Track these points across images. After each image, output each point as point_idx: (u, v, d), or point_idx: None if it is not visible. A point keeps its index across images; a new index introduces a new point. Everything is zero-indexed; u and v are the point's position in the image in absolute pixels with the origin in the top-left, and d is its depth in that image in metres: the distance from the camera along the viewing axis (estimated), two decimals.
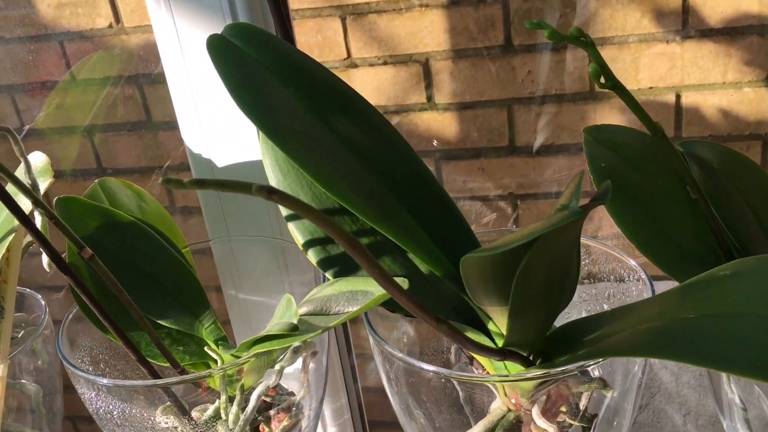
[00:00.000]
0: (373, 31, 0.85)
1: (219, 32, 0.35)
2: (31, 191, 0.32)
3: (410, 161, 0.38)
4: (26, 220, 0.31)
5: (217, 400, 0.39)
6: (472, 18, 0.82)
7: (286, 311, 0.32)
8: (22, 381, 0.42)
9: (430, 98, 0.87)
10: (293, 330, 0.31)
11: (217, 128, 0.41)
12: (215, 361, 0.39)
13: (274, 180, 0.37)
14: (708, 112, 0.82)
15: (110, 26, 0.90)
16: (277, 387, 0.40)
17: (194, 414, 0.39)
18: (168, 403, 0.38)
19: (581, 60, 0.81)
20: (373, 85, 0.87)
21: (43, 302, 0.43)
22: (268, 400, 0.39)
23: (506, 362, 0.36)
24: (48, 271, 0.34)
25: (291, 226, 0.37)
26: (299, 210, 0.24)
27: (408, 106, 0.87)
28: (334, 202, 0.37)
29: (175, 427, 0.39)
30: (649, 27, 0.79)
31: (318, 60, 0.36)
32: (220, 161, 0.43)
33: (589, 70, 0.27)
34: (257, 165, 0.42)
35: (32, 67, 0.93)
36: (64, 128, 0.97)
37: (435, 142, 0.88)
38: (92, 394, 0.36)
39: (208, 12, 0.39)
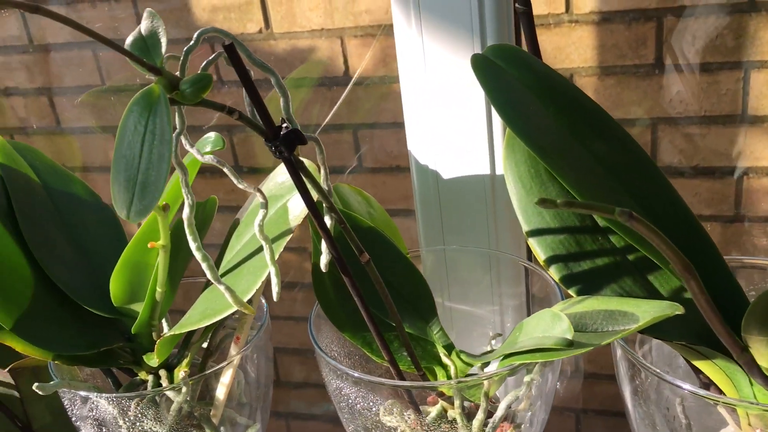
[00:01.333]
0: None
1: (475, 52, 0.36)
2: (327, 196, 0.33)
3: (657, 179, 0.38)
4: (322, 224, 0.32)
5: (440, 401, 0.40)
6: (623, 35, 0.81)
7: (552, 326, 0.32)
8: (241, 373, 0.44)
9: None
10: (568, 345, 0.31)
11: (447, 142, 0.43)
12: (441, 365, 0.40)
13: (515, 196, 0.38)
14: None
15: (260, 31, 0.93)
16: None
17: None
18: (392, 400, 0.39)
19: (734, 83, 0.80)
20: None
21: (263, 300, 0.45)
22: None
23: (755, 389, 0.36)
24: (323, 271, 0.36)
25: (532, 242, 0.38)
26: (649, 233, 0.24)
27: None
28: (575, 221, 0.38)
29: (395, 428, 0.40)
30: None
31: None
32: (446, 174, 0.44)
33: None
34: (481, 179, 0.43)
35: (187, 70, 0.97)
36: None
37: None
38: (339, 383, 0.37)
39: (457, 32, 0.40)
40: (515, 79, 0.36)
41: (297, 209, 0.37)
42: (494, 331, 0.44)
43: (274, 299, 0.35)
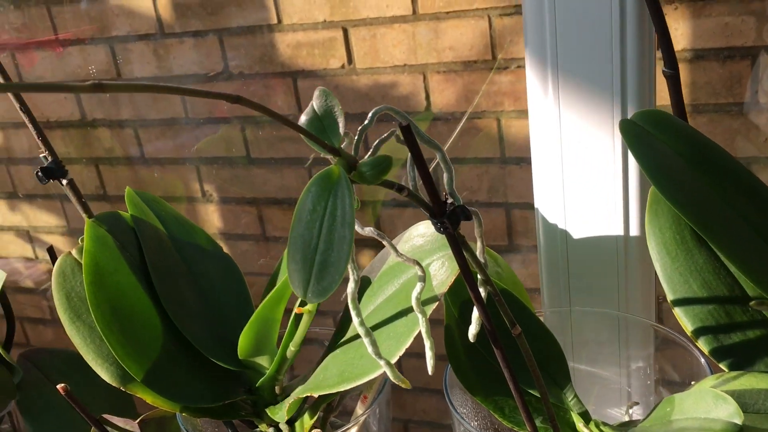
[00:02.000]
0: None
1: (619, 117, 0.36)
2: (484, 269, 0.33)
3: None
4: (478, 297, 0.32)
5: None
6: (717, 73, 0.80)
7: (716, 408, 0.31)
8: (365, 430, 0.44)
9: None
10: (737, 430, 0.30)
11: (578, 203, 0.42)
12: None
13: (659, 262, 0.37)
14: None
15: (342, 67, 0.94)
16: None
17: None
18: None
19: None
20: None
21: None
22: None
23: None
24: (471, 341, 0.36)
25: (678, 312, 0.37)
26: None
27: None
28: (724, 290, 0.37)
29: None
30: None
31: None
32: (576, 233, 0.43)
33: None
34: (614, 239, 0.42)
35: (266, 102, 0.99)
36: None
37: None
38: None
39: (597, 96, 0.40)
40: (665, 145, 0.35)
41: (442, 275, 0.37)
42: (620, 393, 0.43)
43: (429, 372, 0.35)
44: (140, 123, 1.04)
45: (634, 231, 0.43)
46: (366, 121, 0.32)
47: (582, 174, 0.42)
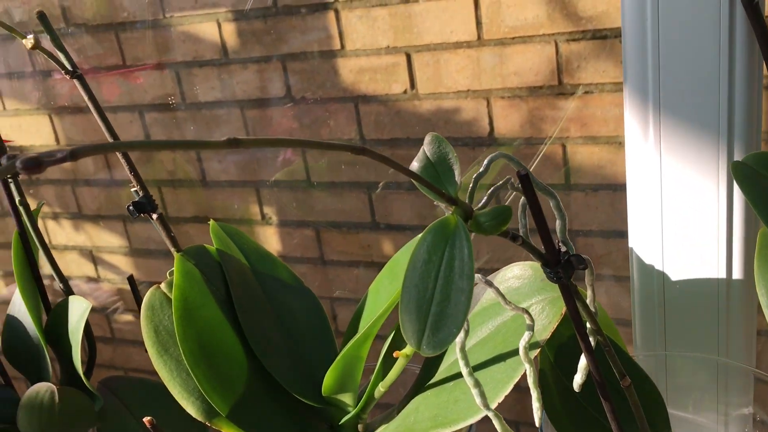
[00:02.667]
0: None
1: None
2: (594, 319, 0.32)
3: None
4: (589, 347, 0.31)
5: None
6: None
7: None
8: None
9: None
10: None
11: (678, 245, 0.41)
12: None
13: None
14: None
15: (405, 92, 0.94)
16: None
17: None
18: None
19: None
20: None
21: None
22: None
23: None
24: (576, 391, 0.34)
25: None
26: None
27: None
28: None
29: None
30: None
31: (613, 134, 0.35)
32: (674, 275, 0.42)
33: None
34: (715, 282, 0.41)
35: (326, 125, 0.99)
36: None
37: None
38: None
39: (702, 140, 0.39)
40: None
41: (543, 321, 0.36)
42: None
43: (537, 424, 0.34)
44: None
45: (737, 274, 0.41)
46: (481, 169, 0.31)
47: (683, 215, 0.41)
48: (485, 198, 0.31)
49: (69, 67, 0.41)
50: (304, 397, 0.44)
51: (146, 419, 0.42)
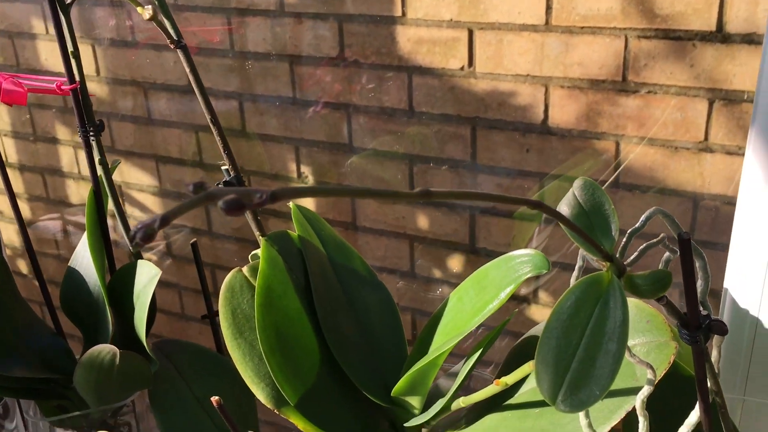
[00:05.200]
0: (741, 120, 0.82)
1: None
2: (716, 379, 0.32)
3: None
4: (708, 408, 0.31)
5: None
6: None
7: None
8: None
9: None
10: None
11: None
12: None
13: None
14: None
15: (462, 68, 0.92)
16: None
17: None
18: None
19: None
20: (724, 174, 0.84)
21: None
22: None
23: None
24: None
25: None
26: None
27: None
28: None
29: None
30: None
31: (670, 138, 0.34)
32: None
33: None
34: None
35: (377, 93, 0.97)
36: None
37: None
38: None
39: None
40: None
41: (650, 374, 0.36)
42: None
43: None
44: (247, 97, 1.04)
45: None
46: (638, 224, 0.30)
47: None
48: (636, 254, 0.30)
49: (175, 37, 0.39)
50: (373, 395, 0.44)
51: (214, 399, 0.43)
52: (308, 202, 1.06)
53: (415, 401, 0.44)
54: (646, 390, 0.33)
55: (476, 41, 0.90)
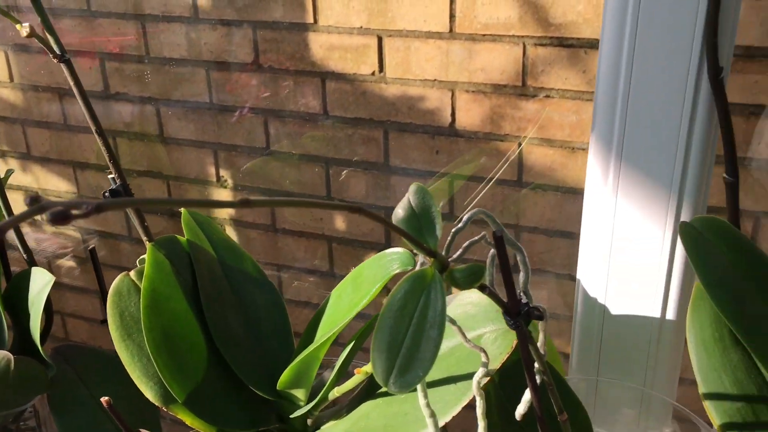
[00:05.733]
0: None
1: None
2: (542, 360, 0.35)
3: None
4: (535, 385, 0.34)
5: None
6: (740, 128, 0.82)
7: None
8: None
9: None
10: None
11: (621, 284, 0.45)
12: None
13: (696, 356, 0.40)
14: None
15: (373, 74, 0.95)
16: None
17: None
18: None
19: None
20: None
21: None
22: None
23: None
24: (518, 420, 0.38)
25: (708, 405, 0.40)
26: None
27: None
28: (753, 389, 0.39)
29: None
30: None
31: (567, 139, 0.39)
32: (615, 310, 0.46)
33: None
34: (650, 321, 0.45)
35: (292, 98, 0.99)
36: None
37: None
38: None
39: (654, 194, 0.42)
40: (721, 252, 0.37)
41: (494, 351, 0.39)
42: None
43: None
44: (163, 102, 1.05)
45: (670, 315, 0.45)
46: (460, 225, 0.34)
47: (629, 258, 0.44)
48: (460, 251, 0.33)
49: (57, 51, 0.40)
50: (260, 390, 0.46)
51: (104, 400, 0.44)
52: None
53: (300, 393, 0.46)
54: (480, 372, 0.37)
55: (385, 48, 0.93)
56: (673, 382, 0.48)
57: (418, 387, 0.36)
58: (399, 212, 0.32)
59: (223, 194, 1.09)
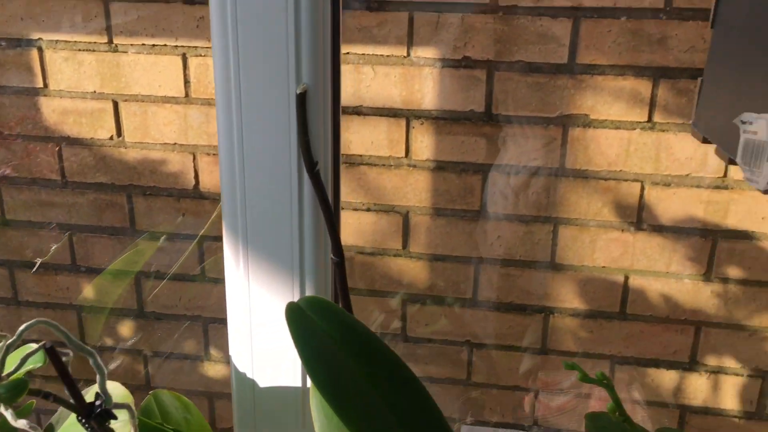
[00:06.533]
0: (361, 180, 0.92)
1: (292, 298, 0.40)
2: None
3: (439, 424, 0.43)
4: None
5: None
6: (454, 183, 0.90)
7: None
8: None
9: (405, 246, 0.94)
10: None
11: (265, 356, 0.46)
12: None
13: (318, 422, 0.42)
14: (651, 295, 0.92)
15: (111, 138, 0.93)
16: None
17: None
18: None
19: (545, 234, 0.90)
20: (353, 227, 0.94)
21: None
22: None
23: None
24: None
25: None
26: None
27: (384, 250, 0.94)
28: None
29: None
30: (608, 216, 0.89)
31: None
32: (263, 383, 0.47)
33: (607, 407, 0.34)
34: (295, 391, 0.47)
35: (26, 165, 0.95)
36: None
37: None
38: None
39: (280, 276, 0.44)
40: (323, 331, 0.40)
41: None
42: None
43: None
44: None
45: (309, 383, 0.48)
46: (14, 337, 0.33)
47: (268, 336, 0.47)
48: (18, 362, 0.33)
49: None
50: None
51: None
52: None
53: None
54: None
55: (122, 112, 0.92)
56: None
57: None
58: None
59: None
